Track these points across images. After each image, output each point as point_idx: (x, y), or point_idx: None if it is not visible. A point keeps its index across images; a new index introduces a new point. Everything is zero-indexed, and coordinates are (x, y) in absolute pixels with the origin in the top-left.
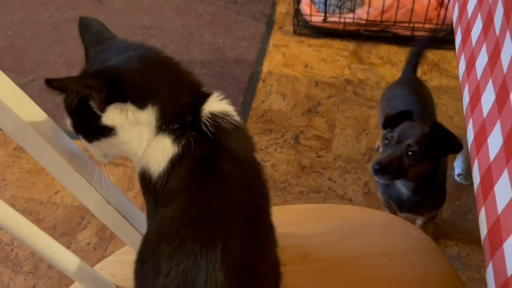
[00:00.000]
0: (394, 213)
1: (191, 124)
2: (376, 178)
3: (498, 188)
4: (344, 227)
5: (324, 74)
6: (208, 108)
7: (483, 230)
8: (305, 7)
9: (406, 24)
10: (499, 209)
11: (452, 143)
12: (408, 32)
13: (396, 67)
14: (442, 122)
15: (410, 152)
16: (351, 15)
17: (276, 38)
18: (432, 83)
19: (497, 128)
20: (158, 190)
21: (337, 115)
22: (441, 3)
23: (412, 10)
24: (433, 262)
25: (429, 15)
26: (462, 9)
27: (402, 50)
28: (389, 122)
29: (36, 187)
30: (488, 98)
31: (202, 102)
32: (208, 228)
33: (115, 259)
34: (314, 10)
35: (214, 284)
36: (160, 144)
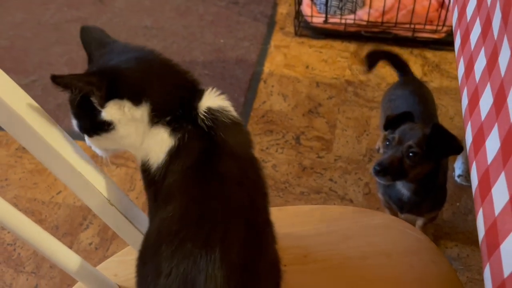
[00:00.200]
0: (394, 214)
1: (188, 118)
2: (377, 179)
3: (495, 190)
4: (344, 228)
5: (325, 75)
6: (205, 103)
7: (481, 232)
8: (306, 8)
9: (407, 25)
10: (496, 211)
11: (453, 145)
12: (409, 33)
13: None
14: (443, 123)
15: (411, 153)
16: (352, 16)
17: (277, 39)
18: (433, 84)
19: (494, 131)
20: (157, 183)
21: (338, 116)
22: (441, 4)
23: (413, 11)
24: (432, 263)
25: (430, 16)
26: (462, 12)
27: (403, 52)
28: (390, 123)
29: (38, 187)
30: (486, 101)
31: (199, 98)
32: (208, 229)
33: (117, 259)
34: (315, 11)
35: (214, 284)
36: (158, 136)
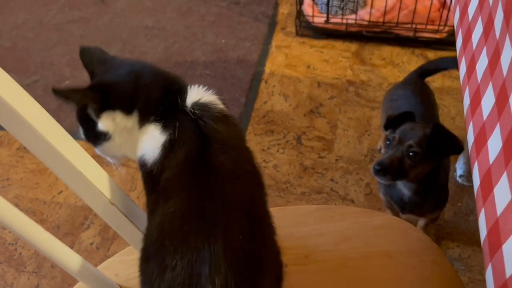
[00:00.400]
0: (396, 214)
1: (176, 114)
2: (377, 179)
3: (497, 190)
4: (345, 228)
5: (326, 75)
6: (191, 99)
7: (483, 232)
8: (307, 8)
9: (409, 25)
10: (498, 211)
11: (453, 144)
12: (410, 33)
13: (398, 68)
14: (444, 123)
15: (411, 153)
16: (353, 16)
17: (278, 39)
18: (434, 84)
19: (496, 131)
20: (154, 177)
21: (339, 116)
22: (443, 4)
23: (414, 11)
24: (434, 263)
25: (431, 16)
26: (463, 12)
27: (405, 51)
28: (391, 123)
29: (39, 187)
30: (488, 101)
31: (186, 95)
32: (209, 222)
33: (118, 259)
34: (316, 11)
35: (218, 274)
36: (150, 133)
